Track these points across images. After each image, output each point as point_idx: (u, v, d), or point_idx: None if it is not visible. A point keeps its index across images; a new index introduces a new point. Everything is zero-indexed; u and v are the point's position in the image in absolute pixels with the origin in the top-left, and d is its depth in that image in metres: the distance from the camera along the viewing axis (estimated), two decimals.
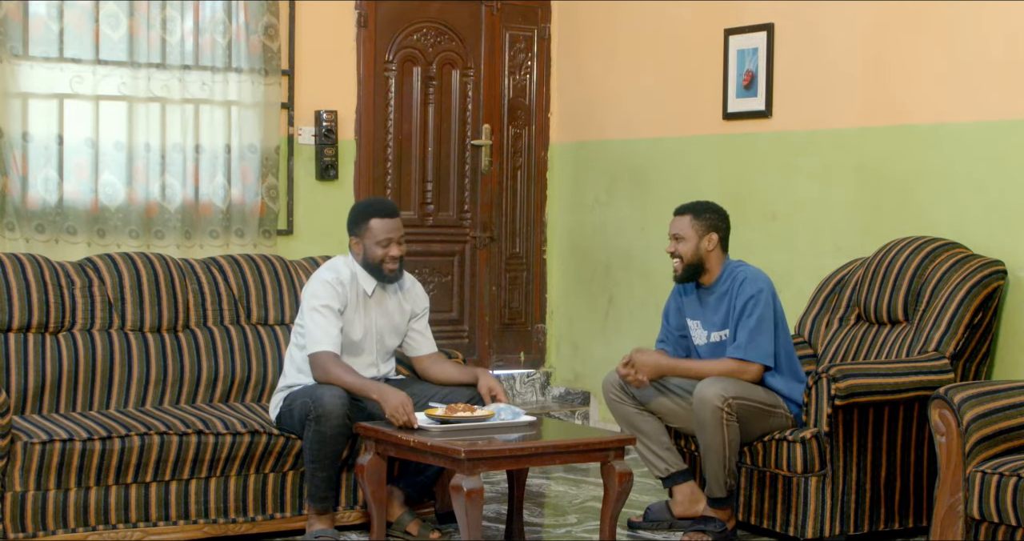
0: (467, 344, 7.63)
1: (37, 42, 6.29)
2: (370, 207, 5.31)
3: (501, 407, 5.01)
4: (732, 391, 5.04)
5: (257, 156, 6.76)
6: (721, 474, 5.10)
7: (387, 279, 5.24)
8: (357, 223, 5.23)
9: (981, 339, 5.33)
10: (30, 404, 5.20)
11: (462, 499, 4.53)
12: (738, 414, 5.04)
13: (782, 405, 5.21)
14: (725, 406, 5.00)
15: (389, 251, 5.18)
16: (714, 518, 5.16)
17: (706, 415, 5.02)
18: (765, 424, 5.16)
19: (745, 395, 5.08)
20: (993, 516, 4.43)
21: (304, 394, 5.05)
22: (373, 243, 5.18)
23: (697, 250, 5.30)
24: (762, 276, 5.29)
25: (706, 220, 5.33)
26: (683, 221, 5.34)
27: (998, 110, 5.53)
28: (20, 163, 6.24)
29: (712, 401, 5.01)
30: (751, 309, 5.18)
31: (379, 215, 5.20)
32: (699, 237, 5.30)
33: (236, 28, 6.69)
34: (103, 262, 5.52)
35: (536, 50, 7.83)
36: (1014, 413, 4.60)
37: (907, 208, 5.88)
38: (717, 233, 5.32)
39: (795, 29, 6.41)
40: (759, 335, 5.17)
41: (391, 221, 5.20)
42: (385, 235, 5.18)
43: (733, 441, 5.05)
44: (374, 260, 5.19)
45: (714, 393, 5.02)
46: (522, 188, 7.83)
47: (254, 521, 5.15)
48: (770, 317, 5.20)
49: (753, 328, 5.17)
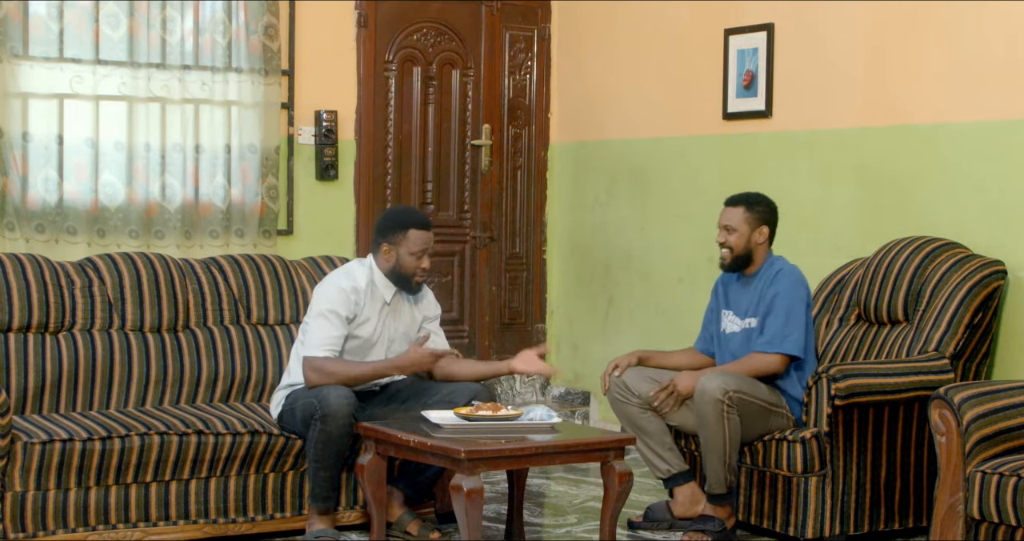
0: (467, 344, 7.63)
1: (37, 42, 6.29)
2: (410, 217, 5.25)
3: (534, 408, 5.03)
4: (734, 385, 5.04)
5: (257, 156, 6.76)
6: (721, 470, 5.10)
7: (412, 290, 5.24)
8: (394, 231, 5.19)
9: (981, 339, 5.32)
10: (30, 404, 5.20)
11: (462, 499, 4.53)
12: (739, 409, 5.04)
13: (785, 405, 5.22)
14: (726, 399, 5.01)
15: (422, 263, 5.18)
16: (713, 517, 5.16)
17: (707, 408, 5.02)
18: (765, 423, 5.16)
19: (747, 391, 5.08)
20: (993, 516, 4.43)
21: (308, 393, 5.05)
22: (408, 253, 5.17)
23: (748, 242, 5.33)
24: (800, 273, 5.32)
25: (758, 212, 5.36)
26: (736, 212, 5.35)
27: (998, 110, 5.53)
28: (20, 163, 6.24)
29: (713, 393, 5.01)
30: (784, 301, 5.21)
31: (418, 226, 5.18)
32: (751, 229, 5.33)
33: (236, 28, 6.69)
34: (103, 262, 5.52)
35: (536, 50, 7.83)
36: (1014, 413, 4.60)
37: (907, 208, 5.88)
38: (768, 227, 5.36)
39: (795, 29, 6.41)
40: (792, 328, 5.19)
41: (428, 233, 5.20)
42: (420, 247, 5.17)
43: (734, 436, 5.05)
44: (406, 270, 5.18)
45: (716, 386, 5.02)
46: (522, 188, 7.83)
47: (254, 521, 5.15)
48: (802, 312, 5.22)
49: (785, 320, 5.19)
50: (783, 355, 5.21)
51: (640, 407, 5.34)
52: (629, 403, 5.35)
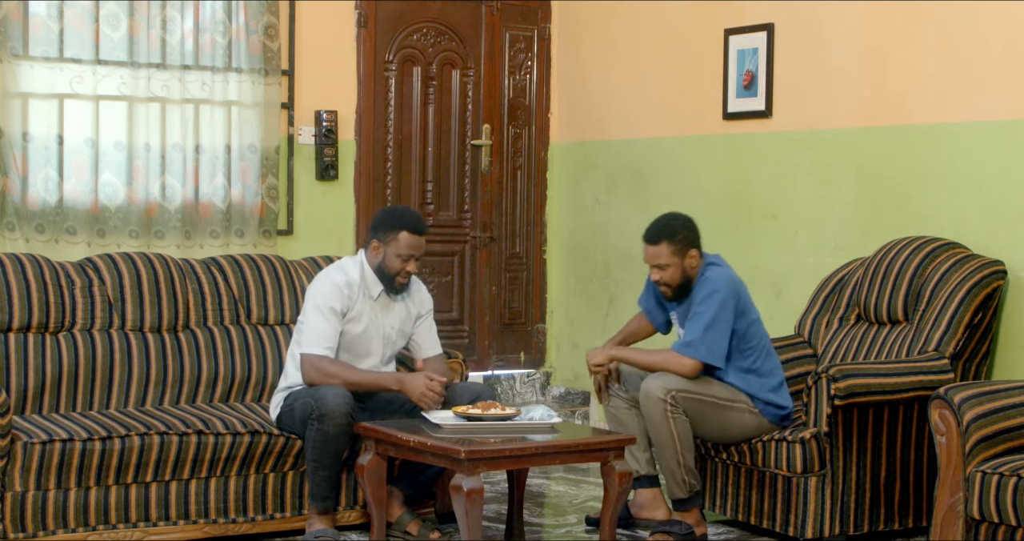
0: (467, 344, 7.63)
1: (37, 42, 6.29)
2: (404, 219, 5.24)
3: (534, 408, 5.04)
4: (677, 384, 5.04)
5: (257, 156, 6.76)
6: (678, 471, 5.08)
7: (395, 290, 5.25)
8: (386, 230, 5.20)
9: (981, 339, 5.33)
10: (30, 404, 5.20)
11: (462, 499, 4.53)
12: (685, 408, 5.04)
13: (743, 400, 5.17)
14: (668, 398, 5.01)
15: (407, 266, 5.19)
16: (680, 521, 5.15)
17: (651, 409, 5.03)
18: (722, 419, 5.14)
19: (692, 389, 5.07)
20: (993, 516, 4.43)
21: (306, 394, 5.05)
22: (395, 254, 5.17)
23: (683, 271, 5.21)
24: (725, 277, 5.18)
25: (681, 240, 5.20)
26: (660, 250, 5.19)
27: (998, 110, 5.53)
28: (20, 163, 6.24)
29: (655, 393, 5.02)
30: (705, 307, 5.12)
31: (410, 230, 5.17)
32: (681, 259, 5.20)
33: (236, 28, 6.70)
34: (103, 262, 5.52)
35: (536, 50, 7.83)
36: (1014, 413, 4.60)
37: (907, 208, 5.89)
38: (695, 247, 5.23)
39: (795, 29, 6.41)
40: (712, 334, 5.10)
41: (419, 239, 5.19)
42: (409, 251, 5.18)
43: (683, 435, 5.04)
44: (390, 270, 5.19)
45: (657, 386, 5.02)
46: (522, 188, 7.84)
47: (254, 521, 5.15)
48: (727, 319, 5.13)
49: (707, 326, 5.10)
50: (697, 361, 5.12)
51: (627, 403, 5.32)
52: (616, 396, 5.34)
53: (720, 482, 5.38)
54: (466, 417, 4.86)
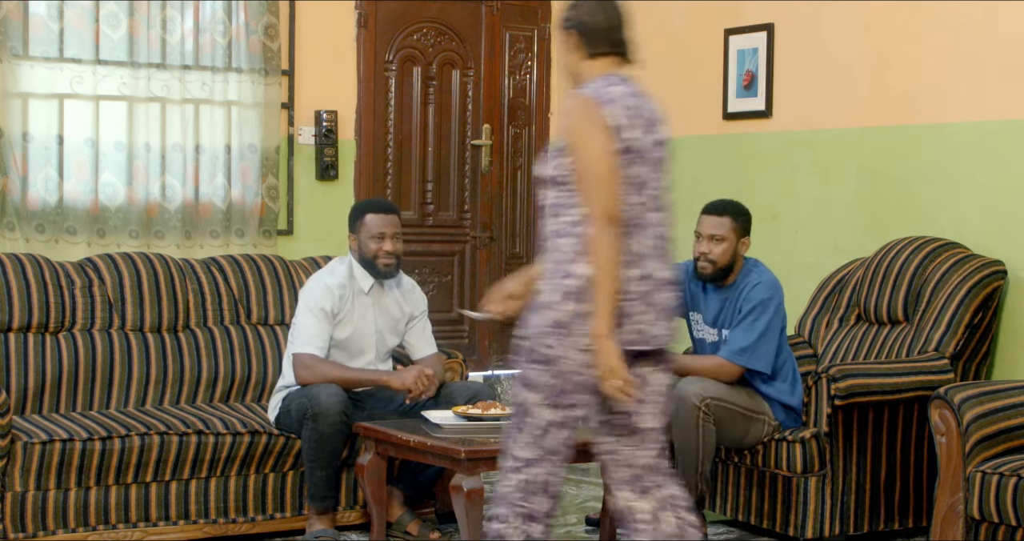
0: (467, 344, 7.63)
1: (37, 42, 6.28)
2: (366, 203, 5.52)
3: None
4: (712, 392, 4.96)
5: (257, 156, 6.76)
6: (693, 477, 4.99)
7: (383, 275, 5.26)
8: (354, 219, 5.33)
9: (981, 339, 5.33)
10: (30, 404, 5.20)
11: (462, 499, 4.53)
12: (716, 416, 4.97)
13: (766, 412, 5.13)
14: (703, 405, 4.92)
15: (383, 246, 5.22)
16: None
17: (684, 414, 4.92)
18: (743, 430, 5.09)
19: (726, 398, 5.00)
20: (993, 516, 4.43)
21: (302, 394, 5.07)
22: (367, 237, 5.24)
23: (734, 254, 5.16)
24: (775, 282, 5.16)
25: (743, 223, 5.18)
26: (723, 222, 5.13)
27: (998, 110, 5.54)
28: (20, 163, 6.23)
29: (690, 400, 4.92)
30: (759, 314, 5.06)
31: (373, 210, 5.30)
32: (738, 240, 5.16)
33: (236, 28, 6.69)
34: (103, 262, 5.53)
35: (536, 50, 7.83)
36: (1014, 413, 4.61)
37: (907, 208, 5.89)
38: (749, 236, 5.21)
39: (795, 29, 6.41)
40: (764, 342, 5.06)
41: (385, 217, 5.27)
42: (378, 229, 5.23)
43: (708, 443, 4.95)
44: (368, 254, 5.23)
45: (693, 392, 4.93)
46: (522, 188, 7.83)
47: (254, 521, 5.16)
48: (777, 326, 5.10)
49: (761, 334, 5.04)
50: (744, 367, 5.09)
51: None
52: None
53: (720, 482, 5.38)
54: (466, 417, 4.86)
